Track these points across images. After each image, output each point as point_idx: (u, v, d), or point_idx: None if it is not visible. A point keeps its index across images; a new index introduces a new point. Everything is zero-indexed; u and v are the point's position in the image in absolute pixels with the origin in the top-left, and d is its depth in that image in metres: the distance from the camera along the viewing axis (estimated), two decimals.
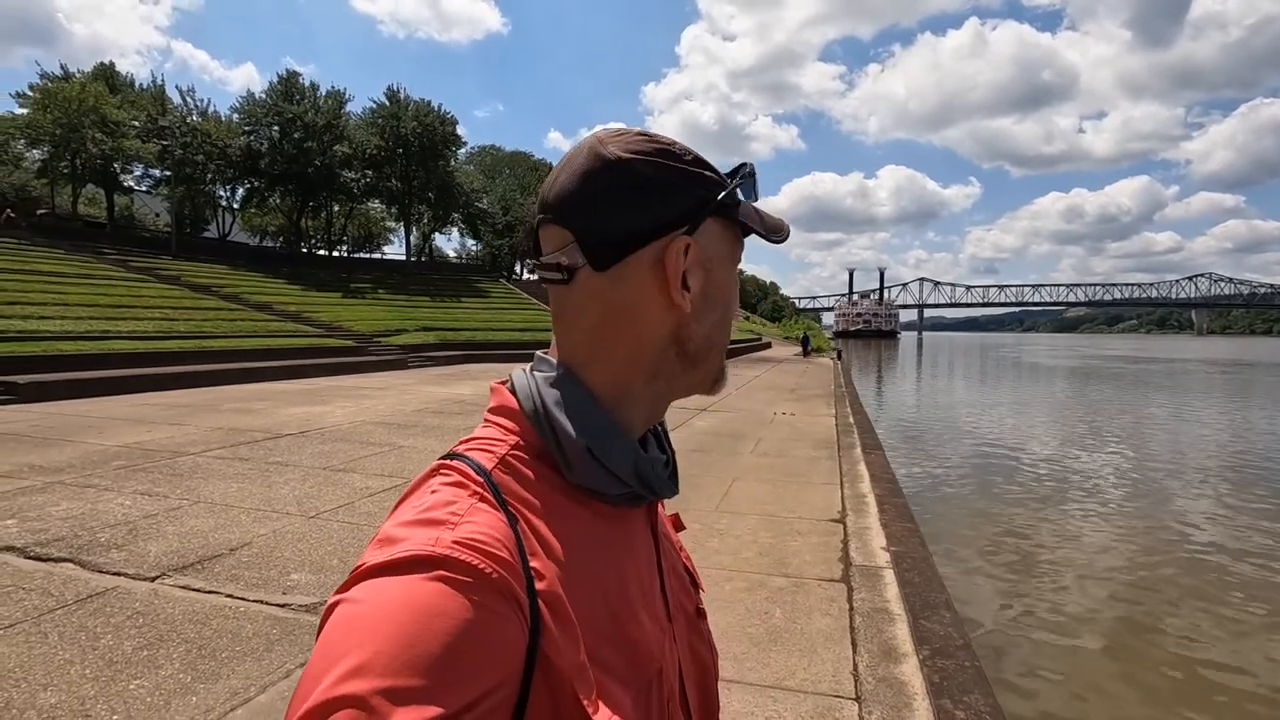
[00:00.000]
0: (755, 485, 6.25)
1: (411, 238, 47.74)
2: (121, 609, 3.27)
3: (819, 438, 9.01)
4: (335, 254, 46.54)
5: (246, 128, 36.52)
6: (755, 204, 0.59)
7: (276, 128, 36.38)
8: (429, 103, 42.03)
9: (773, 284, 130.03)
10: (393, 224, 51.67)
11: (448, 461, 0.52)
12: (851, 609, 3.50)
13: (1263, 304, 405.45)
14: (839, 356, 34.98)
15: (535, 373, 0.57)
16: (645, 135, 0.55)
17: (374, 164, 40.22)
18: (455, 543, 0.43)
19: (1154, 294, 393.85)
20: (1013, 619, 5.30)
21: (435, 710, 0.36)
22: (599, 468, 0.53)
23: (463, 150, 48.87)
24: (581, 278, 0.53)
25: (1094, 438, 14.73)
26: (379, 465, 6.61)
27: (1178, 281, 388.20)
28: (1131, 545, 7.20)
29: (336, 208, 43.63)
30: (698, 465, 7.05)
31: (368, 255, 52.26)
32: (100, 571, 3.74)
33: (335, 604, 0.41)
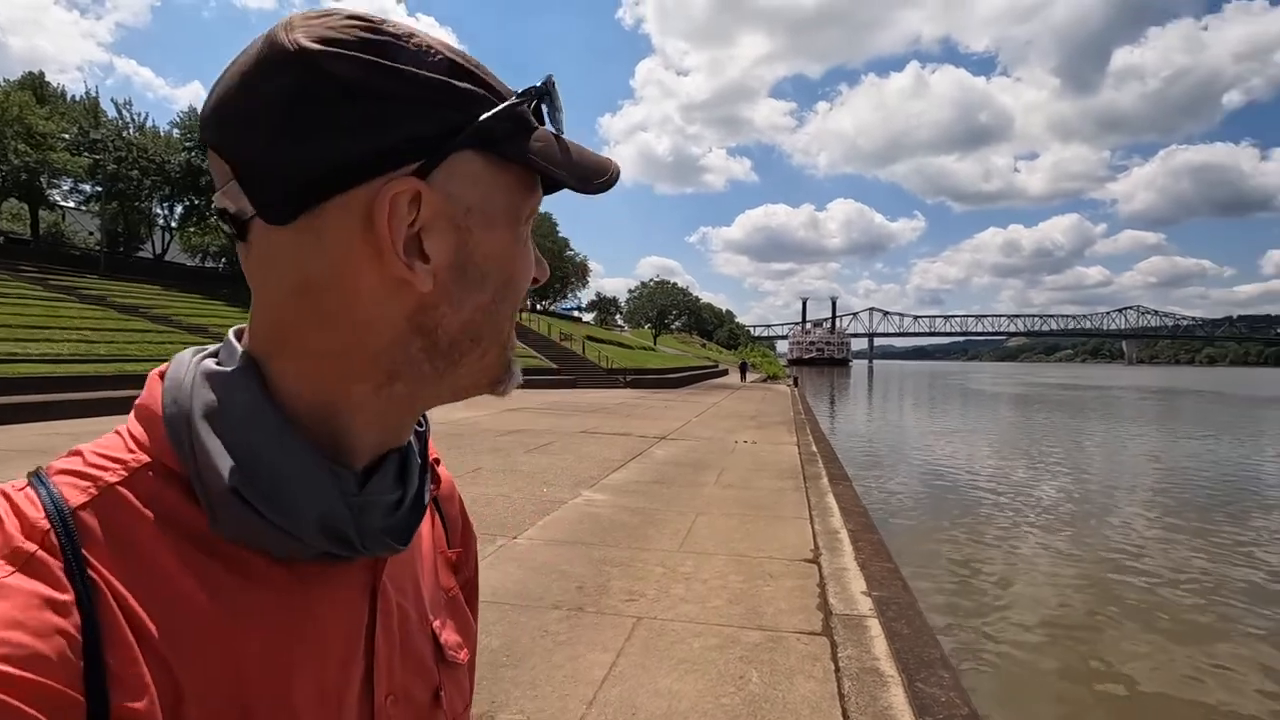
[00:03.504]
0: (721, 520, 5.83)
1: None
2: None
3: (784, 467, 8.67)
4: None
5: (188, 143, 35.04)
6: (562, 135, 0.40)
7: None
8: None
9: (728, 312, 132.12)
10: None
11: (7, 492, 0.34)
12: (838, 669, 3.08)
13: (1185, 335, 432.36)
14: (795, 384, 35.13)
15: (206, 359, 0.39)
16: (361, 19, 0.36)
17: None
18: None
19: (1087, 324, 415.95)
20: (989, 661, 4.98)
21: None
22: (257, 518, 0.35)
23: None
24: (257, 232, 0.37)
25: (1043, 463, 14.86)
26: None
27: (1108, 314, 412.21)
28: (1092, 572, 7.03)
29: None
30: (658, 498, 6.60)
31: None
32: None
33: None
